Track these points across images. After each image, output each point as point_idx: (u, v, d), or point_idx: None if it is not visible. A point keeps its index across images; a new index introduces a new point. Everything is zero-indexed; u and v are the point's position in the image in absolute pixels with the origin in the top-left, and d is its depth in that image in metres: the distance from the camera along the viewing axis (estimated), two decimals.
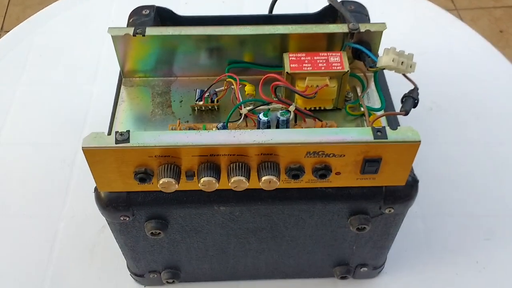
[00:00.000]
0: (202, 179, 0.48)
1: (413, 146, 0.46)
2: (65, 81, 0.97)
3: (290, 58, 0.54)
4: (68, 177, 0.84)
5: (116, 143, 0.47)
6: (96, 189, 0.54)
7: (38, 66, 1.00)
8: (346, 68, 0.54)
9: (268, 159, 0.48)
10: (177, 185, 0.49)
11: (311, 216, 0.56)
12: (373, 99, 0.58)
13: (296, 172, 0.49)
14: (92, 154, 0.47)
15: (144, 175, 0.49)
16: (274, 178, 0.48)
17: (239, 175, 0.48)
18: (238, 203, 0.52)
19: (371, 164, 0.48)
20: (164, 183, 0.48)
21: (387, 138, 0.46)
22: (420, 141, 0.46)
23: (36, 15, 1.11)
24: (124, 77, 0.60)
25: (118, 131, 0.47)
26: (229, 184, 0.48)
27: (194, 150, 0.47)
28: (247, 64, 0.58)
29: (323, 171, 0.48)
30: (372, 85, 0.58)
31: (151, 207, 0.54)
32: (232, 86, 0.55)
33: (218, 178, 0.48)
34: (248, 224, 0.56)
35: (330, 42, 0.56)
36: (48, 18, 1.10)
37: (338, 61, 0.52)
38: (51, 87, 0.96)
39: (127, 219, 0.55)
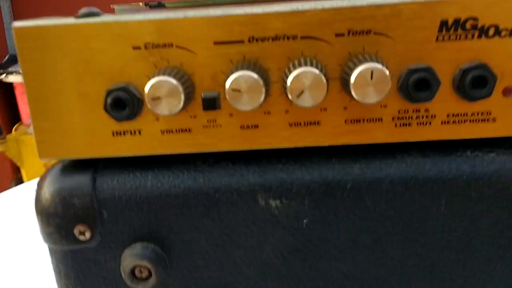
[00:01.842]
0: (233, 79, 0.24)
1: None
2: None
3: None
4: None
5: (76, 18, 0.25)
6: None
7: None
8: None
9: (362, 43, 0.25)
10: (181, 103, 0.25)
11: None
12: None
13: (424, 76, 0.25)
14: (31, 45, 0.25)
15: (124, 95, 0.26)
16: (379, 67, 0.24)
17: (306, 66, 0.24)
18: (308, 188, 0.28)
19: None
20: (162, 97, 0.24)
21: None
22: None
23: None
24: None
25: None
26: (288, 94, 0.25)
27: (222, 25, 0.25)
28: None
29: (479, 82, 0.25)
30: None
31: (138, 203, 0.28)
32: None
33: (265, 83, 0.25)
34: (333, 237, 0.30)
35: None
36: None
37: None
38: None
39: (86, 238, 0.29)
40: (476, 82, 0.25)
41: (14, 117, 1.60)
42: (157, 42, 0.26)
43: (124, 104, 0.26)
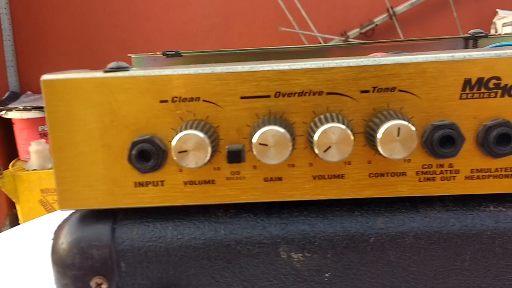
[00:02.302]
0: (261, 133, 0.24)
1: None
2: None
3: None
4: None
5: (105, 72, 0.26)
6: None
7: None
8: None
9: (386, 102, 0.26)
10: (207, 156, 0.25)
11: None
12: None
13: (448, 132, 0.25)
14: (59, 97, 0.25)
15: (149, 146, 0.26)
16: (406, 124, 0.24)
17: (333, 121, 0.25)
18: (331, 242, 0.29)
19: None
20: (189, 150, 0.24)
21: None
22: None
23: None
24: None
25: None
26: (315, 148, 0.25)
27: (251, 84, 0.25)
28: None
29: (503, 139, 0.25)
30: None
31: (158, 254, 0.28)
32: None
33: (292, 137, 0.25)
34: None
35: None
36: None
37: None
38: None
39: None
40: (500, 139, 0.26)
41: (12, 153, 1.59)
42: (184, 96, 0.26)
43: (149, 155, 0.26)
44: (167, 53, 0.42)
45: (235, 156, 0.26)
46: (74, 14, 1.68)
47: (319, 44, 1.37)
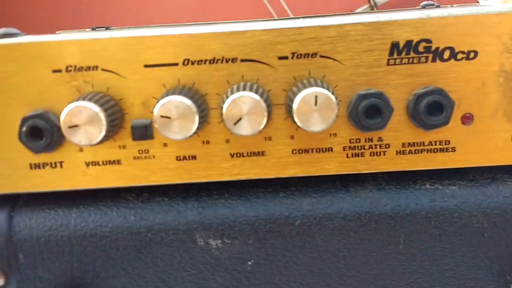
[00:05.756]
0: (162, 105, 0.22)
1: None
2: None
3: None
4: None
5: None
6: None
7: None
8: None
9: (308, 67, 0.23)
10: (103, 132, 0.22)
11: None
12: None
13: (374, 102, 0.23)
14: None
15: (42, 123, 0.23)
16: (324, 92, 0.22)
17: (246, 90, 0.22)
18: (252, 226, 0.26)
19: None
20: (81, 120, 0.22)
21: None
22: None
23: None
24: None
25: None
26: (224, 119, 0.22)
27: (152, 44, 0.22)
28: None
29: (434, 109, 0.23)
30: None
31: (59, 244, 0.25)
32: None
33: (200, 109, 0.22)
34: (281, 280, 0.25)
35: None
36: None
37: None
38: None
39: None
40: (431, 109, 0.23)
41: None
42: (79, 65, 0.23)
43: (41, 133, 0.23)
44: (96, 28, 0.39)
45: (141, 132, 0.23)
46: (49, 6, 1.63)
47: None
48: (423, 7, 0.39)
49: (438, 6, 0.39)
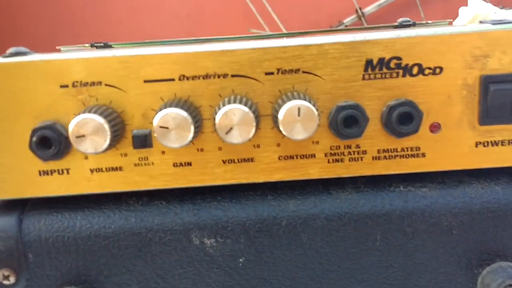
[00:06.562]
0: (161, 116, 0.24)
1: None
2: None
3: None
4: None
5: (4, 57, 0.25)
6: None
7: None
8: None
9: (294, 84, 0.26)
10: (107, 141, 0.24)
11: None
12: None
13: (351, 113, 0.25)
14: None
15: (50, 133, 0.25)
16: (306, 104, 0.24)
17: (236, 103, 0.24)
18: (243, 226, 0.29)
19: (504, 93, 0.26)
20: (87, 132, 0.24)
21: None
22: None
23: None
24: None
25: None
26: (216, 129, 0.24)
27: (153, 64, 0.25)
28: None
29: (405, 118, 0.26)
30: None
31: (66, 244, 0.27)
32: None
33: (195, 120, 0.25)
34: (270, 275, 0.28)
35: None
36: None
37: None
38: None
39: (10, 283, 0.27)
40: (402, 119, 0.26)
41: None
42: (85, 81, 0.25)
43: (50, 142, 0.25)
44: (95, 44, 0.41)
45: (141, 141, 0.26)
46: (42, 17, 1.64)
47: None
48: (400, 24, 0.42)
49: (414, 24, 0.42)
